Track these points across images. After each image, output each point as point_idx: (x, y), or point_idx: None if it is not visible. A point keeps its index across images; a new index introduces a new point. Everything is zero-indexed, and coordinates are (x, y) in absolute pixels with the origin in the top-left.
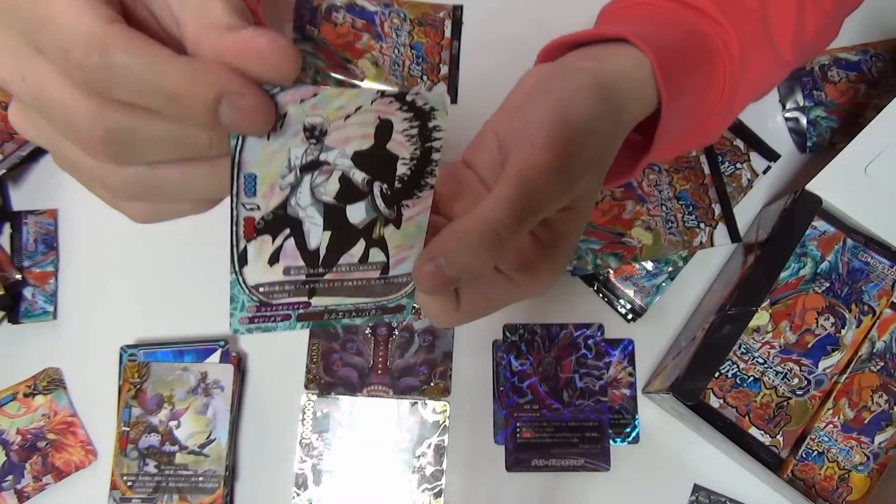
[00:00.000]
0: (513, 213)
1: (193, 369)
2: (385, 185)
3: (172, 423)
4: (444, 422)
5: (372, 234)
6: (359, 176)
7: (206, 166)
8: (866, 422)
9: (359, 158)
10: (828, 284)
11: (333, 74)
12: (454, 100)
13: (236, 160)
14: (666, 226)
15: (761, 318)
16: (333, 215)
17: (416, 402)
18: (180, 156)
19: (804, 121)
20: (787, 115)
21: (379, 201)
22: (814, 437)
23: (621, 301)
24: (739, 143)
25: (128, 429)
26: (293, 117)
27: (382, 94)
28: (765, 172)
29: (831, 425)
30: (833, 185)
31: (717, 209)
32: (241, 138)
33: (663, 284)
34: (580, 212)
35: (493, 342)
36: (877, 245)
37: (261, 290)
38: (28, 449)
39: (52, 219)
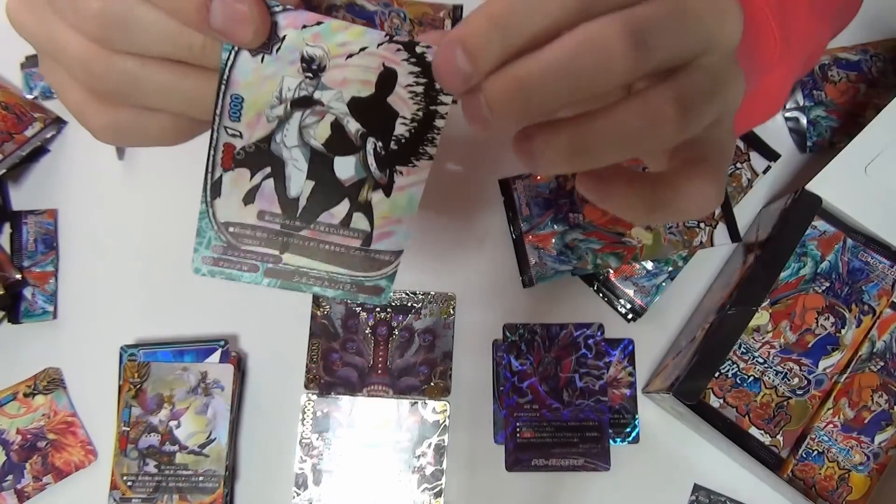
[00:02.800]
0: None
1: (193, 369)
2: (380, 143)
3: (172, 423)
4: (444, 421)
5: (358, 196)
6: (353, 126)
7: (196, 75)
8: (866, 421)
9: (355, 106)
10: (828, 284)
11: None
12: (453, 100)
13: (225, 76)
14: (666, 226)
15: (761, 317)
16: (319, 164)
17: (416, 402)
18: (172, 54)
19: (804, 120)
20: (787, 114)
21: (371, 160)
22: (814, 436)
23: (621, 301)
24: (739, 142)
25: (128, 429)
26: (292, 43)
27: (391, 38)
28: (765, 172)
29: (831, 425)
30: (833, 184)
31: (717, 209)
32: (233, 53)
33: (663, 284)
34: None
35: (493, 342)
36: (877, 245)
37: (230, 229)
38: (28, 449)
39: (52, 219)
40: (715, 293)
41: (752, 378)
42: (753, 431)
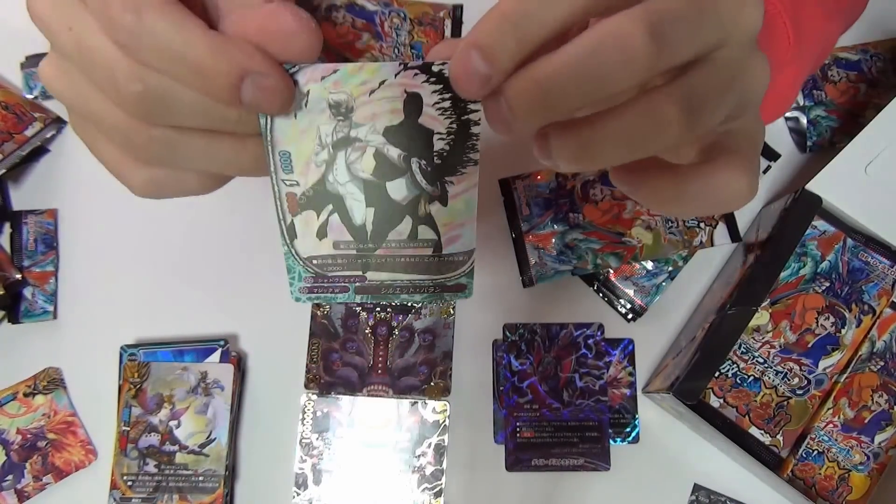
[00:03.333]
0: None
1: (193, 369)
2: (423, 161)
3: (172, 423)
4: (444, 421)
5: (417, 211)
6: (394, 152)
7: (232, 140)
8: (866, 421)
9: (391, 134)
10: (828, 284)
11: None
12: None
13: (268, 138)
14: (666, 225)
15: (761, 317)
16: (374, 191)
17: (416, 402)
18: (210, 126)
19: (804, 120)
20: (787, 114)
21: (419, 178)
22: (814, 436)
23: (621, 301)
24: None
25: (128, 428)
26: (316, 95)
27: (405, 66)
28: (765, 172)
29: (831, 425)
30: (833, 184)
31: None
32: (269, 117)
33: (663, 284)
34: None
35: (493, 342)
36: (877, 245)
37: (314, 262)
38: (28, 448)
39: (52, 218)
40: (715, 293)
41: (752, 378)
42: (753, 431)
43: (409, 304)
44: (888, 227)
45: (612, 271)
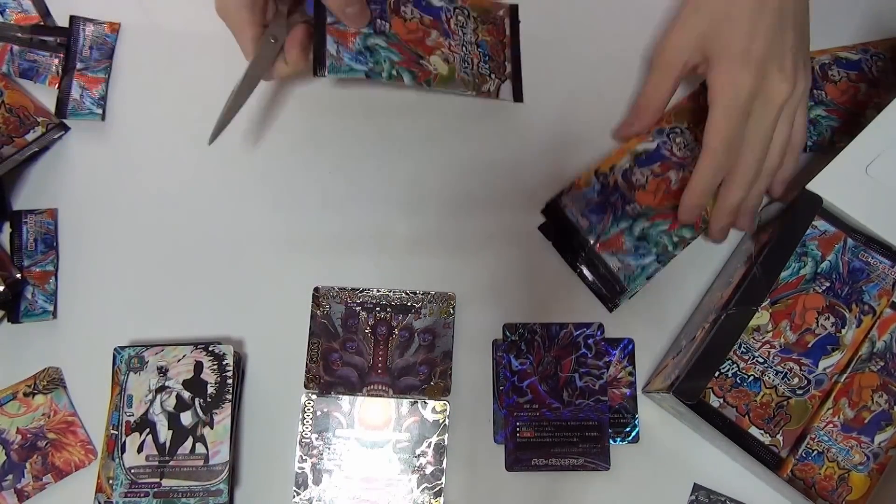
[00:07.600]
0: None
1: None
2: (201, 400)
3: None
4: (444, 421)
5: (196, 432)
6: (186, 394)
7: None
8: (866, 421)
9: (186, 384)
10: (828, 284)
11: (409, 70)
12: (519, 98)
13: (124, 387)
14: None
15: (761, 317)
16: (173, 420)
17: (416, 402)
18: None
19: None
20: None
21: (199, 410)
22: (814, 436)
23: (600, 272)
24: None
25: (116, 432)
26: (152, 363)
27: (196, 346)
28: None
29: (831, 425)
30: (834, 184)
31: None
32: (126, 376)
33: (650, 267)
34: None
35: (493, 341)
36: (877, 245)
37: (132, 471)
38: (28, 448)
39: (52, 218)
40: (715, 293)
41: (752, 378)
42: (753, 431)
43: (409, 305)
44: (888, 227)
45: (598, 244)
